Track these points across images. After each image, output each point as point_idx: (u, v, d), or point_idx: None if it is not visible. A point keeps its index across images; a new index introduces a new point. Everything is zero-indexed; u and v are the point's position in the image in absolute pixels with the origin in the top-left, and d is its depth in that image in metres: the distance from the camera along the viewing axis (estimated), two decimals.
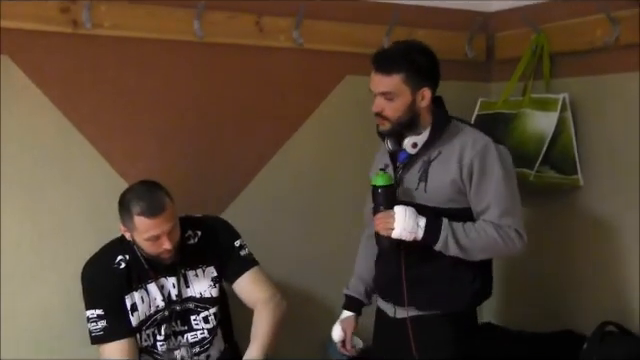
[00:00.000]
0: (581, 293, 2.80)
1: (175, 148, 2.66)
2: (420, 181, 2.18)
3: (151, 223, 2.17)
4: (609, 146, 2.65)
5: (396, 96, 2.13)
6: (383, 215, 2.12)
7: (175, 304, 2.35)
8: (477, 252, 2.15)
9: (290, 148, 2.87)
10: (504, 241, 2.13)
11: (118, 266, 2.28)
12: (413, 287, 2.21)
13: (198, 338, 2.39)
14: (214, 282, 2.40)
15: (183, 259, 2.33)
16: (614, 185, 2.64)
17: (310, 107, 2.90)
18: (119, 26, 2.49)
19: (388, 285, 2.31)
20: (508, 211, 2.14)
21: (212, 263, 2.40)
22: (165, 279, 2.33)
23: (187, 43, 2.62)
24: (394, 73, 2.12)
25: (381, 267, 2.36)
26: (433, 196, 2.16)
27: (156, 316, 2.32)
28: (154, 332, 2.33)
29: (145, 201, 2.17)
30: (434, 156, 2.18)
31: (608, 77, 2.64)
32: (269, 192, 2.84)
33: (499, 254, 2.30)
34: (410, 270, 2.21)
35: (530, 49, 2.85)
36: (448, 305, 2.24)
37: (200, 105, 2.70)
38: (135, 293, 2.29)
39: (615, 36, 2.52)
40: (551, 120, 2.71)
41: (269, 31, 2.74)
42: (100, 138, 2.54)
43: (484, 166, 2.13)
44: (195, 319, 2.38)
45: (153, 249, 2.22)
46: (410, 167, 2.22)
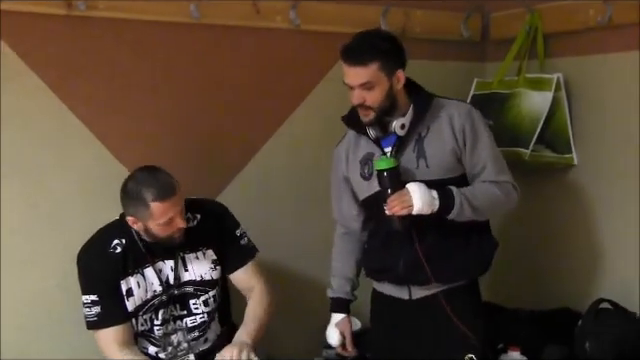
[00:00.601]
0: (576, 271, 2.83)
1: (172, 130, 2.66)
2: (419, 158, 2.22)
3: (167, 206, 2.16)
4: (602, 125, 2.67)
5: (375, 84, 2.17)
6: (397, 195, 2.13)
7: (173, 288, 2.33)
8: (486, 210, 2.26)
9: (287, 129, 2.88)
10: (506, 196, 2.25)
11: (114, 250, 2.26)
12: (435, 263, 2.26)
13: (197, 322, 2.38)
14: (214, 264, 2.39)
15: (182, 242, 2.31)
16: (607, 164, 2.66)
17: (307, 88, 2.91)
18: (114, 8, 2.48)
19: (405, 270, 2.29)
20: (502, 168, 2.28)
21: (212, 246, 2.39)
22: (163, 263, 2.32)
23: (183, 25, 2.62)
24: (370, 63, 2.15)
25: (392, 254, 2.33)
26: (435, 170, 2.22)
27: (153, 301, 2.31)
28: (151, 317, 2.32)
29: (157, 187, 2.16)
30: (424, 133, 2.24)
31: (602, 57, 2.65)
32: (267, 173, 2.86)
33: (502, 210, 2.47)
34: (427, 247, 2.26)
35: (524, 29, 2.86)
36: (472, 272, 2.34)
37: (197, 87, 2.70)
38: (131, 278, 2.27)
39: (608, 16, 2.53)
40: (545, 100, 2.72)
41: (266, 12, 2.73)
42: (96, 121, 2.54)
43: (474, 129, 2.24)
44: (195, 303, 2.37)
45: (167, 231, 2.22)
46: (403, 149, 2.25)
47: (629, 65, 2.54)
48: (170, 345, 2.36)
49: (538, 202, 2.95)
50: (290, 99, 2.88)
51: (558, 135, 2.74)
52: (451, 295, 2.31)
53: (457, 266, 2.28)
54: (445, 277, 2.29)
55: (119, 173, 2.53)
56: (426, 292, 2.31)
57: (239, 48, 2.76)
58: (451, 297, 2.30)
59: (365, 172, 2.31)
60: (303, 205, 2.94)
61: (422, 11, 2.98)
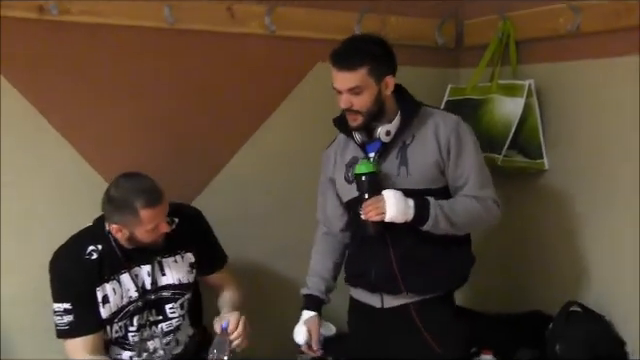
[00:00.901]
0: (547, 274, 2.86)
1: (146, 135, 2.66)
2: (400, 166, 2.22)
3: (156, 212, 2.18)
4: (573, 131, 2.70)
5: (364, 89, 2.16)
6: (372, 201, 2.14)
7: (150, 293, 2.33)
8: (464, 226, 2.24)
9: (262, 134, 2.89)
10: (486, 212, 2.23)
11: (89, 257, 2.24)
12: (408, 273, 2.24)
13: (173, 326, 2.39)
14: (191, 268, 2.41)
15: (159, 246, 2.32)
16: (578, 169, 2.69)
17: (282, 94, 2.92)
18: (87, 12, 2.48)
19: (377, 277, 2.29)
20: (484, 183, 2.25)
21: (190, 249, 2.41)
22: (139, 268, 2.31)
23: (158, 30, 2.62)
24: (358, 67, 2.14)
25: (366, 260, 2.34)
26: (416, 178, 2.21)
27: (129, 307, 2.30)
28: (126, 323, 2.31)
29: (146, 194, 2.17)
30: (409, 141, 2.23)
31: (572, 64, 2.68)
32: (242, 178, 2.86)
33: (482, 225, 2.38)
34: (402, 256, 2.24)
35: (497, 36, 2.89)
36: (446, 285, 2.32)
37: (172, 92, 2.70)
38: (107, 285, 2.25)
39: (577, 24, 2.57)
40: (518, 105, 2.75)
41: (241, 17, 2.75)
42: (69, 127, 2.53)
43: (459, 142, 2.22)
44: (172, 307, 2.37)
45: (152, 237, 2.23)
46: (386, 155, 2.24)
47: (598, 72, 2.58)
48: (146, 351, 2.36)
49: (510, 207, 2.95)
50: (266, 105, 2.89)
51: (530, 140, 2.77)
52: (422, 306, 2.28)
53: (430, 278, 2.27)
54: (417, 288, 2.27)
55: (92, 179, 2.56)
56: (398, 302, 2.30)
57: (214, 53, 2.76)
58: (422, 308, 2.28)
59: (349, 175, 2.32)
60: (278, 210, 2.95)
61: (397, 17, 3.00)
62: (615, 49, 2.50)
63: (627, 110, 2.48)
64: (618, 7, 2.42)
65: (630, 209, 2.49)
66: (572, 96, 2.69)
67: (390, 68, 2.22)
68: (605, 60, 2.55)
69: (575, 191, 2.71)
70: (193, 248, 2.41)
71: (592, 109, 2.61)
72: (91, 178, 2.56)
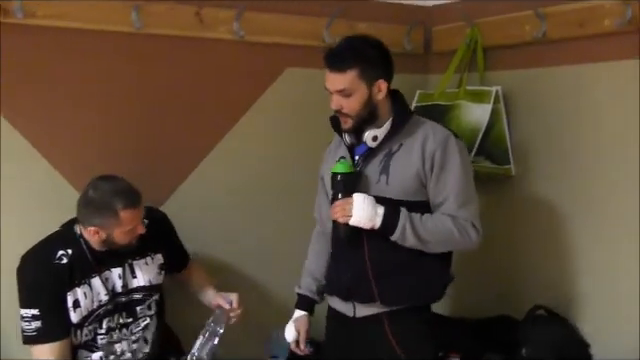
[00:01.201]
0: (515, 279, 2.89)
1: (115, 140, 2.64)
2: (381, 174, 2.17)
3: (135, 213, 2.21)
4: (539, 137, 2.73)
5: (353, 92, 2.12)
6: (341, 202, 2.11)
7: (120, 296, 2.33)
8: (434, 244, 2.15)
9: (231, 140, 2.88)
10: (460, 233, 2.13)
11: (59, 261, 2.22)
12: (381, 283, 2.19)
13: (141, 327, 2.40)
14: (160, 269, 2.44)
15: (129, 248, 2.32)
16: (544, 174, 2.72)
17: (251, 99, 2.91)
18: (53, 16, 2.45)
19: (350, 284, 2.25)
20: (465, 204, 2.16)
21: (160, 251, 2.44)
22: (109, 271, 2.31)
23: (126, 34, 2.60)
24: (348, 70, 2.10)
25: (340, 265, 2.31)
26: (395, 189, 2.15)
27: (99, 311, 2.29)
28: (95, 327, 2.31)
29: (126, 194, 2.19)
30: (395, 149, 2.18)
31: (538, 70, 2.72)
32: (210, 183, 2.85)
33: (455, 247, 2.25)
34: (376, 265, 2.19)
35: (465, 43, 2.92)
36: (421, 298, 2.25)
37: (140, 97, 2.69)
38: (78, 289, 2.25)
39: (542, 31, 2.60)
40: (485, 111, 2.77)
41: (209, 23, 2.74)
42: (35, 132, 2.51)
43: (445, 158, 2.14)
44: (142, 308, 2.39)
45: (129, 238, 2.25)
46: (370, 160, 2.20)
47: (564, 78, 2.61)
48: (113, 354, 2.35)
49: None
50: (234, 110, 2.89)
51: (497, 146, 2.80)
52: (395, 317, 2.22)
53: (404, 290, 2.20)
54: (390, 298, 2.21)
55: (59, 184, 2.54)
56: (370, 311, 2.24)
57: (182, 58, 2.75)
58: (394, 320, 2.22)
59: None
60: (245, 215, 2.95)
61: (366, 24, 3.01)
62: (579, 56, 2.54)
63: (592, 116, 2.52)
64: (583, 15, 2.46)
65: (595, 214, 2.53)
66: (539, 102, 2.72)
67: (384, 72, 2.16)
68: (571, 67, 2.59)
69: (542, 196, 2.74)
70: (162, 249, 2.45)
71: (558, 115, 2.65)
72: (58, 183, 2.54)
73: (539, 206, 2.75)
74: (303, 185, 2.97)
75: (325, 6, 2.94)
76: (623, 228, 2.43)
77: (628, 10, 2.28)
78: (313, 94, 2.95)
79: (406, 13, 3.16)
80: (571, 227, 2.63)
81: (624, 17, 2.30)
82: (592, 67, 2.50)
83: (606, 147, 2.48)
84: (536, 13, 2.60)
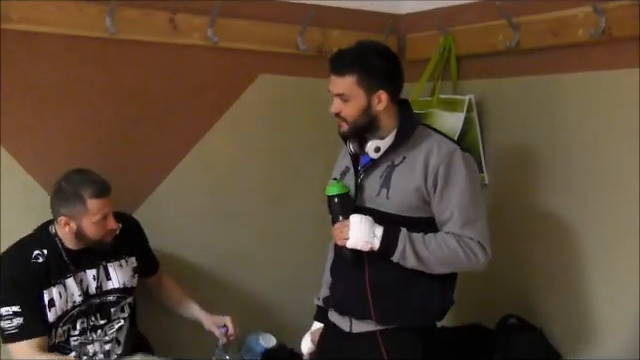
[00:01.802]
0: (486, 288, 2.89)
1: (87, 145, 2.62)
2: (382, 187, 2.10)
3: (103, 202, 2.25)
4: (512, 145, 2.75)
5: (350, 98, 2.07)
6: (340, 225, 2.06)
7: (94, 297, 2.35)
8: (437, 265, 2.07)
9: (204, 146, 2.87)
10: (465, 254, 2.05)
11: (36, 260, 2.25)
12: (378, 300, 2.12)
13: (115, 328, 2.41)
14: (134, 272, 2.46)
15: (104, 251, 2.36)
16: (517, 183, 2.75)
17: (224, 105, 2.90)
18: (28, 20, 2.43)
19: (347, 297, 2.20)
20: (471, 222, 2.07)
21: (134, 254, 2.47)
22: (84, 273, 2.34)
23: (100, 39, 2.58)
24: (347, 74, 2.05)
25: (339, 279, 2.26)
26: (395, 203, 2.09)
27: (73, 311, 2.30)
28: (69, 328, 2.32)
29: (95, 183, 2.26)
30: (398, 161, 2.12)
31: (510, 79, 2.74)
32: (183, 189, 2.84)
33: (460, 268, 2.14)
34: (375, 281, 2.12)
35: (438, 51, 2.94)
36: (418, 318, 2.17)
37: (113, 102, 2.66)
38: (53, 288, 2.26)
39: (515, 41, 2.62)
40: (458, 120, 2.80)
41: (183, 29, 2.72)
42: (7, 136, 2.48)
43: (449, 173, 2.06)
44: (115, 310, 2.40)
45: (101, 231, 2.27)
46: (372, 172, 2.15)
47: (537, 88, 2.64)
48: (85, 355, 2.35)
49: None
50: (207, 116, 2.87)
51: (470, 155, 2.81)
52: (390, 336, 2.14)
53: (401, 309, 2.14)
54: (386, 317, 2.13)
55: (32, 188, 2.51)
56: (366, 327, 2.17)
57: (156, 64, 2.74)
58: (389, 338, 2.14)
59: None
60: (218, 222, 2.93)
61: (339, 31, 3.02)
62: (553, 66, 2.57)
63: (565, 125, 2.55)
64: (556, 25, 2.49)
65: (569, 222, 2.56)
66: (511, 111, 2.75)
67: (386, 83, 2.09)
68: (543, 77, 2.61)
69: (514, 205, 2.77)
70: (135, 253, 2.48)
71: (531, 124, 2.67)
72: (31, 187, 2.52)
73: (512, 214, 2.77)
74: (277, 188, 2.98)
75: (299, 13, 2.93)
76: (597, 237, 2.46)
77: (602, 20, 2.30)
78: (287, 101, 2.98)
79: (380, 21, 3.17)
80: (544, 234, 2.65)
81: (598, 27, 2.32)
82: (566, 77, 2.53)
83: (579, 155, 2.51)
84: (510, 22, 2.62)
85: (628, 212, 2.34)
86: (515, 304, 2.74)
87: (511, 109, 2.75)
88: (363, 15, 3.14)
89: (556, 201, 2.60)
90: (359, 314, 2.17)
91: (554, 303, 2.62)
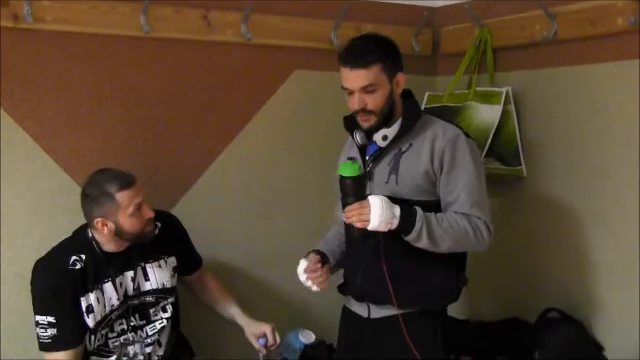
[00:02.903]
0: (526, 281, 2.87)
1: (122, 144, 2.64)
2: (391, 173, 2.17)
3: (132, 193, 2.24)
4: (550, 137, 2.71)
5: (378, 87, 2.11)
6: (356, 206, 2.03)
7: (133, 299, 2.35)
8: (447, 243, 2.09)
9: (239, 143, 2.87)
10: (474, 233, 2.09)
11: (73, 267, 2.24)
12: (397, 285, 2.15)
13: (157, 329, 2.41)
14: (174, 272, 2.45)
15: (142, 252, 2.35)
16: (556, 175, 2.70)
17: (259, 102, 2.90)
18: (62, 21, 2.46)
19: (366, 285, 2.24)
20: (478, 203, 2.13)
21: (173, 253, 2.45)
22: (122, 275, 2.33)
23: (133, 38, 2.60)
24: (372, 64, 2.09)
25: (355, 266, 2.29)
26: (404, 188, 2.15)
27: (111, 315, 2.30)
28: (107, 332, 2.32)
29: (118, 177, 2.24)
30: (405, 148, 2.18)
31: (548, 70, 2.69)
32: (219, 187, 2.85)
33: (468, 247, 2.19)
34: (392, 267, 2.16)
35: (474, 43, 2.90)
36: (437, 301, 2.25)
37: (148, 100, 2.68)
38: (91, 294, 2.25)
39: (553, 31, 2.58)
40: (495, 112, 2.76)
41: (217, 25, 2.73)
42: (44, 135, 2.51)
43: (455, 155, 2.13)
44: (154, 311, 2.40)
45: (139, 223, 2.26)
46: (380, 160, 2.20)
47: (575, 78, 2.59)
48: (126, 356, 2.35)
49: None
50: (242, 113, 2.88)
51: (508, 147, 2.78)
52: (411, 319, 2.20)
53: (421, 292, 2.19)
54: (407, 301, 2.18)
55: (69, 186, 2.55)
56: (385, 312, 2.23)
57: (190, 61, 2.75)
58: (411, 322, 2.19)
59: None
60: (255, 218, 2.94)
61: (373, 25, 3.00)
62: (591, 56, 2.52)
63: (604, 116, 2.50)
64: (595, 14, 2.44)
65: (608, 213, 2.51)
66: (549, 103, 2.70)
67: (399, 65, 2.18)
68: (581, 67, 2.56)
69: (553, 197, 2.72)
70: (175, 252, 2.47)
71: (569, 116, 2.62)
72: (68, 186, 2.54)
73: (551, 207, 2.73)
74: (313, 187, 2.98)
75: (332, 8, 2.93)
76: (637, 229, 2.40)
77: None
78: (322, 96, 2.97)
79: (414, 14, 3.15)
80: (584, 227, 2.60)
81: (637, 15, 2.27)
82: (604, 67, 2.48)
83: (619, 147, 2.46)
84: (546, 12, 2.58)
85: None
86: (557, 297, 2.69)
87: (549, 101, 2.71)
88: (397, 8, 3.12)
89: (596, 192, 2.55)
90: (378, 300, 2.23)
91: (597, 296, 2.57)
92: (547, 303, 2.66)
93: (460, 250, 2.21)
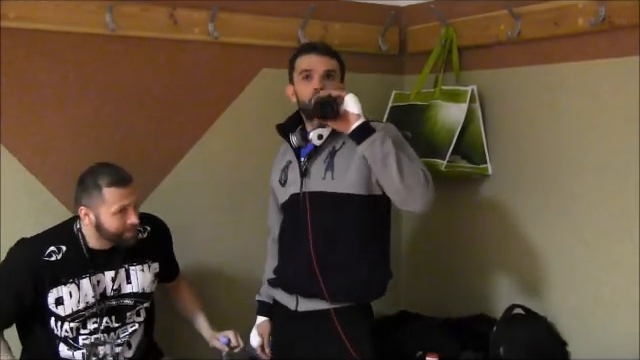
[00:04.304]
0: (492, 278, 2.90)
1: (88, 142, 2.61)
2: (327, 170, 2.26)
3: (121, 192, 2.21)
4: (515, 136, 2.75)
5: (336, 76, 2.30)
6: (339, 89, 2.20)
7: (110, 299, 2.32)
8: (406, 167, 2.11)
9: (207, 141, 2.86)
10: (424, 175, 2.14)
11: (48, 258, 2.21)
12: (327, 277, 2.24)
13: (129, 332, 2.39)
14: (155, 278, 2.44)
15: (128, 254, 2.33)
16: (520, 173, 2.74)
17: (226, 100, 2.90)
18: (26, 18, 2.42)
19: (297, 276, 2.32)
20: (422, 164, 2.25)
21: (157, 259, 2.44)
22: (102, 274, 2.30)
23: (99, 36, 2.58)
24: (334, 58, 2.31)
25: (288, 259, 2.39)
26: (341, 183, 2.24)
27: (84, 312, 2.28)
28: (78, 326, 2.29)
29: (114, 173, 2.23)
30: (339, 146, 2.28)
31: (512, 70, 2.73)
32: (186, 185, 2.83)
33: (419, 186, 2.13)
34: (322, 259, 2.24)
35: (440, 42, 2.93)
36: (366, 294, 2.34)
37: (113, 99, 2.66)
38: (63, 287, 2.23)
39: (517, 31, 2.62)
40: (461, 111, 2.78)
41: (184, 24, 2.72)
42: (7, 133, 2.47)
43: (394, 139, 2.19)
44: (131, 314, 2.38)
45: (119, 225, 2.23)
46: (315, 158, 2.29)
47: (539, 78, 2.63)
48: (95, 356, 2.33)
49: (453, 211, 3.02)
50: (210, 111, 2.87)
51: (473, 146, 2.81)
52: (344, 315, 2.27)
53: (351, 286, 2.28)
54: (337, 294, 2.26)
55: (33, 186, 2.51)
56: (313, 306, 2.30)
57: (157, 60, 2.73)
58: (344, 317, 2.27)
59: (282, 179, 2.38)
60: (222, 216, 2.93)
61: (340, 24, 3.02)
62: (554, 56, 2.56)
63: (567, 115, 2.54)
64: (556, 15, 2.48)
65: (570, 212, 2.56)
66: (514, 102, 2.74)
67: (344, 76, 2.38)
68: (545, 66, 2.60)
69: (518, 195, 2.76)
70: (159, 258, 2.45)
71: (533, 114, 2.67)
72: (31, 186, 2.51)
73: (516, 205, 2.77)
74: None
75: (299, 6, 2.93)
76: (602, 226, 2.45)
77: (602, 9, 2.30)
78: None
79: (381, 13, 3.17)
80: (549, 225, 2.65)
81: (598, 16, 2.32)
82: (567, 66, 2.52)
83: (582, 145, 2.50)
84: (511, 12, 2.61)
85: (631, 200, 2.34)
86: (521, 294, 2.74)
87: (514, 99, 2.74)
88: (364, 8, 3.14)
89: (559, 190, 2.59)
90: (308, 292, 2.29)
91: (561, 292, 2.61)
92: (511, 300, 2.69)
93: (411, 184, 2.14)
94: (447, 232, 3.09)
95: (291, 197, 2.33)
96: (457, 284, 3.05)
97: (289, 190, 2.34)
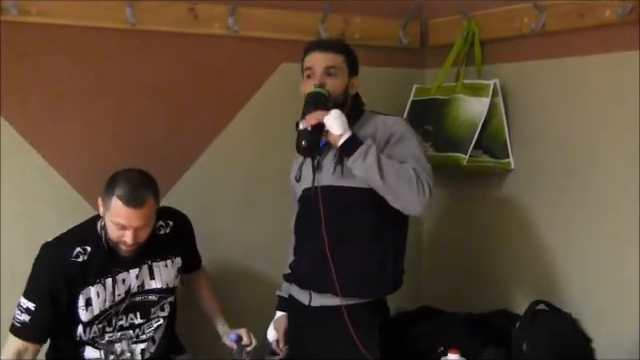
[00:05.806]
0: (514, 273, 2.87)
1: (108, 137, 2.62)
2: (337, 165, 2.27)
3: (124, 211, 2.14)
4: (538, 130, 2.71)
5: (339, 73, 2.29)
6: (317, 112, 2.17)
7: (135, 296, 2.33)
8: (389, 175, 2.12)
9: (227, 136, 2.86)
10: (417, 183, 2.13)
11: (76, 259, 2.21)
12: (339, 271, 2.26)
13: (154, 327, 2.40)
14: (178, 272, 2.44)
15: (151, 250, 2.32)
16: (544, 168, 2.70)
17: (246, 95, 2.89)
18: (47, 13, 2.44)
19: (309, 270, 2.35)
20: (423, 167, 2.21)
21: (179, 254, 2.44)
22: (127, 273, 2.30)
23: (119, 30, 2.59)
24: (338, 53, 2.30)
25: (301, 251, 2.42)
26: (350, 178, 2.23)
27: (110, 310, 2.28)
28: (104, 326, 2.29)
29: (129, 188, 2.14)
30: None
31: (536, 63, 2.70)
32: (206, 181, 2.84)
33: (408, 193, 2.14)
34: (334, 251, 2.26)
35: (462, 36, 2.90)
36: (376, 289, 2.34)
37: (133, 93, 2.67)
38: (92, 288, 2.23)
39: (541, 23, 2.58)
40: (483, 105, 2.75)
41: (204, 18, 2.72)
42: (29, 128, 2.49)
43: (400, 133, 2.26)
44: (155, 310, 2.39)
45: (115, 235, 2.20)
46: (327, 154, 2.32)
47: (563, 71, 2.59)
48: (113, 353, 2.34)
49: (476, 206, 2.99)
50: (229, 106, 2.87)
51: (495, 140, 2.78)
52: (356, 311, 2.29)
53: (364, 282, 2.29)
54: (348, 289, 2.27)
55: (54, 180, 2.53)
56: (326, 302, 2.31)
57: (177, 54, 2.74)
58: (356, 313, 2.28)
59: (297, 175, 2.41)
60: (241, 212, 2.93)
61: (361, 17, 3.00)
62: (579, 48, 2.52)
63: (592, 109, 2.50)
64: (581, 7, 2.44)
65: (596, 207, 2.52)
66: (537, 95, 2.71)
67: (357, 70, 2.36)
68: (570, 59, 2.57)
69: (541, 190, 2.72)
70: (181, 253, 2.45)
71: (557, 108, 2.63)
72: (53, 180, 2.53)
73: (539, 200, 2.73)
74: None
75: (320, 1, 2.91)
76: (624, 221, 2.41)
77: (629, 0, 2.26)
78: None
79: (401, 6, 3.14)
80: (572, 220, 2.61)
81: (625, 8, 2.28)
82: (592, 59, 2.48)
83: (606, 139, 2.46)
84: (535, 5, 2.58)
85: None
86: (544, 289, 2.70)
87: (537, 93, 2.71)
88: (385, 1, 3.11)
89: (583, 185, 2.56)
90: (321, 287, 2.31)
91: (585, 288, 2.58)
92: (535, 295, 2.65)
93: (399, 196, 2.17)
94: (468, 227, 3.07)
95: (304, 192, 2.38)
96: (478, 279, 3.03)
97: (302, 185, 2.39)
